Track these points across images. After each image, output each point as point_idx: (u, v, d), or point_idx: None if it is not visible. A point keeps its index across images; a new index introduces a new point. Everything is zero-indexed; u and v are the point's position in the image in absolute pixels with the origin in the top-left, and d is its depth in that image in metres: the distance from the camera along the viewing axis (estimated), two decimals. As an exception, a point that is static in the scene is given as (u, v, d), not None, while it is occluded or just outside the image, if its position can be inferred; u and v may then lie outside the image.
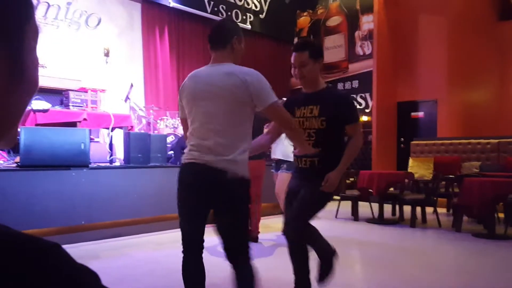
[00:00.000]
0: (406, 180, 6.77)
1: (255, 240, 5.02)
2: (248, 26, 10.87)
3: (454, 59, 9.26)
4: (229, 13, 10.48)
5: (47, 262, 0.44)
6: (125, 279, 3.47)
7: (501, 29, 9.58)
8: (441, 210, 6.96)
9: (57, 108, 5.98)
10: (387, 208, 6.74)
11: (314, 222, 2.94)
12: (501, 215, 6.01)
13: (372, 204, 6.71)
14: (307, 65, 2.72)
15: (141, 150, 5.54)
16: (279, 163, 5.24)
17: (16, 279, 0.40)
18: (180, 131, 7.66)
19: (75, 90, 6.26)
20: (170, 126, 7.49)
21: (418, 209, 6.36)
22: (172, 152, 6.56)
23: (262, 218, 5.35)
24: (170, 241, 5.04)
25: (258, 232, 5.14)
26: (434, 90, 9.13)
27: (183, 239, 2.51)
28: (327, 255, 2.96)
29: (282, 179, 5.03)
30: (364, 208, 6.88)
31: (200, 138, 2.31)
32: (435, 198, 6.36)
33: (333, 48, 11.36)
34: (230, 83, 2.27)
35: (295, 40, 12.39)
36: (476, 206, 5.30)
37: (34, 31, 0.50)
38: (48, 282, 0.42)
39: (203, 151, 2.29)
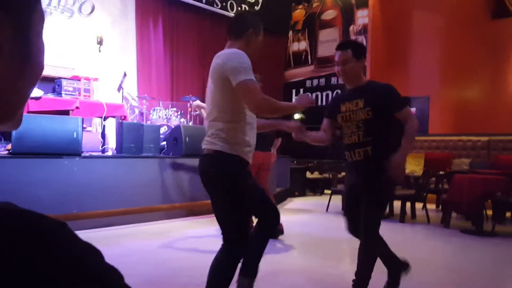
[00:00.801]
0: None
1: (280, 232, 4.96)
2: (243, 18, 10.83)
3: (447, 56, 9.33)
4: (224, 4, 10.42)
5: (54, 242, 0.45)
6: (118, 267, 3.48)
7: (494, 27, 9.64)
8: (431, 206, 7.05)
9: (50, 95, 5.92)
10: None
11: (309, 216, 2.97)
12: (490, 212, 6.10)
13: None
14: (349, 63, 2.82)
15: (134, 140, 5.53)
16: None
17: (24, 258, 0.41)
18: (173, 122, 7.64)
19: (68, 78, 6.20)
20: (163, 117, 7.46)
21: (408, 204, 6.43)
22: (165, 142, 6.55)
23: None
24: (163, 231, 5.06)
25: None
26: (427, 86, 9.20)
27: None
28: (395, 269, 2.99)
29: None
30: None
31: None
32: (425, 194, 6.44)
33: (328, 42, 11.37)
34: (215, 66, 2.38)
35: (290, 33, 12.38)
36: (465, 202, 5.37)
37: (40, 17, 0.51)
38: (56, 262, 0.43)
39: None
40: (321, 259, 3.28)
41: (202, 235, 4.91)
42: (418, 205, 6.81)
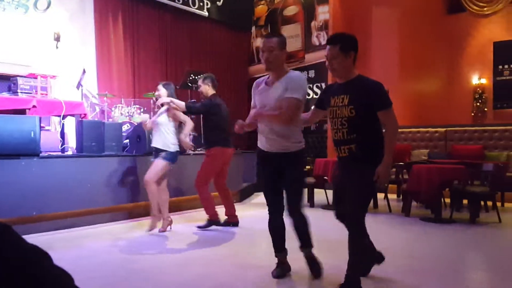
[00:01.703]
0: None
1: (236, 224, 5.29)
2: (205, 13, 10.75)
3: (405, 50, 9.60)
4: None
5: None
6: (79, 270, 3.41)
7: (449, 22, 10.00)
8: (392, 196, 7.26)
9: (5, 94, 5.70)
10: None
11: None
12: (447, 200, 6.34)
13: (327, 191, 6.90)
14: (337, 58, 2.87)
15: (95, 139, 5.41)
16: (158, 151, 4.84)
17: None
18: (135, 119, 7.51)
19: (24, 76, 5.98)
20: (125, 114, 7.33)
21: (371, 195, 6.59)
22: (127, 140, 6.44)
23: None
24: (126, 231, 4.99)
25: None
26: (387, 80, 9.37)
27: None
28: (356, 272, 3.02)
29: (157, 167, 4.75)
30: (319, 195, 7.06)
31: None
32: (386, 185, 6.61)
33: (290, 38, 11.45)
34: None
35: (253, 28, 12.39)
36: (424, 192, 5.57)
37: None
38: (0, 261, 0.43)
39: None
40: (289, 252, 3.33)
41: (167, 235, 4.88)
42: (380, 196, 7.00)
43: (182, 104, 4.85)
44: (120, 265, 3.61)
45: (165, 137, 4.78)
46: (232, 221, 5.28)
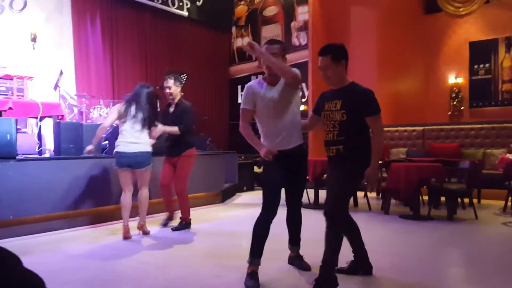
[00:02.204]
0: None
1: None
2: (185, 13, 10.71)
3: (383, 50, 9.73)
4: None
5: None
6: (57, 274, 3.36)
7: (426, 22, 10.17)
8: (371, 194, 7.35)
9: (-21, 96, 5.57)
10: (322, 193, 6.99)
11: (258, 210, 3.00)
12: (426, 197, 6.46)
13: (308, 190, 6.94)
14: (330, 67, 3.05)
15: (73, 141, 5.33)
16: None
17: None
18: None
19: (0, 77, 5.86)
20: (104, 115, 7.24)
21: (351, 194, 6.67)
22: (107, 142, 6.36)
23: (202, 207, 5.36)
24: (105, 234, 4.93)
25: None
26: (365, 80, 9.42)
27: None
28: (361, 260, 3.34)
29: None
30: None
31: None
32: (365, 183, 6.67)
33: (270, 38, 11.48)
34: None
35: (233, 29, 12.39)
36: (402, 189, 5.66)
37: None
38: None
39: None
40: (270, 252, 3.34)
41: (146, 236, 4.84)
42: (360, 194, 7.08)
43: (175, 129, 4.87)
44: (99, 269, 3.56)
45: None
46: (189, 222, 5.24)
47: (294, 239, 3.55)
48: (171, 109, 5.10)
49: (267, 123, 3.22)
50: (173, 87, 5.01)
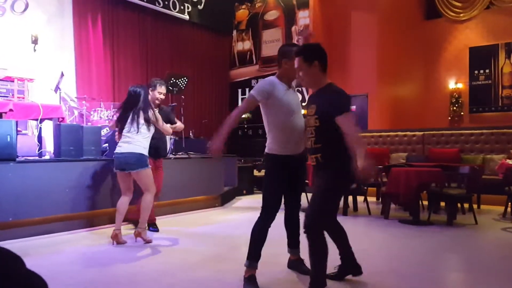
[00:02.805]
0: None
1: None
2: (186, 17, 10.73)
3: (383, 55, 9.76)
4: (166, 2, 10.27)
5: None
6: (56, 276, 3.35)
7: (426, 27, 10.22)
8: (371, 199, 7.35)
9: (-20, 98, 5.57)
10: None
11: (257, 214, 2.99)
12: (425, 202, 6.45)
13: (308, 194, 6.93)
14: (301, 68, 2.92)
15: (73, 143, 5.31)
16: None
17: None
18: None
19: (0, 79, 5.86)
20: (104, 118, 7.24)
21: (350, 198, 6.67)
22: (107, 144, 6.36)
23: (193, 212, 5.34)
24: (105, 237, 4.92)
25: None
26: (365, 84, 9.56)
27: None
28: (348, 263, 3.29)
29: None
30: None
31: None
32: (365, 188, 6.69)
33: (271, 42, 11.53)
34: None
35: (234, 32, 12.42)
36: (402, 194, 5.65)
37: None
38: None
39: None
40: (270, 256, 3.34)
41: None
42: (360, 199, 7.08)
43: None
44: (98, 272, 3.56)
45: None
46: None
47: (294, 242, 3.54)
48: None
49: (292, 127, 3.16)
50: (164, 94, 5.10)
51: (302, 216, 3.24)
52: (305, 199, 7.02)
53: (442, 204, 6.55)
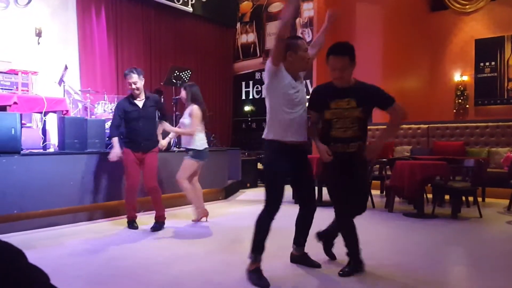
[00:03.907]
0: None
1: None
2: (190, 9, 10.68)
3: (389, 47, 9.68)
4: (169, -5, 10.21)
5: None
6: (61, 268, 3.37)
7: (432, 19, 10.12)
8: (375, 192, 7.33)
9: (-16, 91, 5.58)
10: (326, 191, 6.97)
11: (261, 207, 2.99)
12: (430, 195, 6.43)
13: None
14: (348, 68, 3.14)
15: (77, 136, 5.33)
16: (187, 150, 5.18)
17: None
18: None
19: (4, 72, 5.86)
20: (108, 111, 7.24)
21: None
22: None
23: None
24: (110, 229, 4.94)
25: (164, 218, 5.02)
26: (370, 77, 9.41)
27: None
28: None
29: (185, 166, 5.12)
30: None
31: None
32: (369, 181, 6.67)
33: (275, 35, 11.45)
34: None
35: (238, 25, 12.36)
36: (406, 187, 5.63)
37: None
38: None
39: None
40: (274, 248, 3.34)
41: (150, 232, 4.85)
42: (364, 192, 7.05)
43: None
44: (104, 264, 3.58)
45: (191, 136, 5.10)
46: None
47: (302, 241, 3.50)
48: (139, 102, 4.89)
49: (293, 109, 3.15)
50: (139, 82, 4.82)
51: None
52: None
53: (447, 197, 6.53)
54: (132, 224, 4.96)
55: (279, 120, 3.14)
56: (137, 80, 4.76)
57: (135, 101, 4.84)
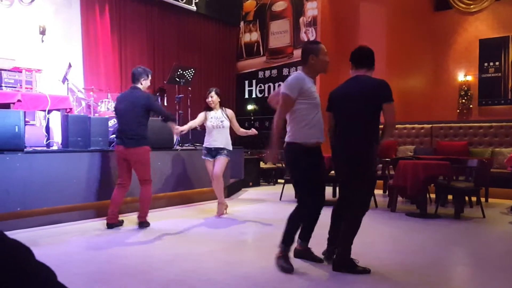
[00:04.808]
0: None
1: (144, 225, 4.89)
2: (193, 8, 10.68)
3: (392, 47, 9.66)
4: (173, -6, 10.22)
5: None
6: (65, 266, 3.38)
7: (436, 19, 10.07)
8: (378, 192, 7.31)
9: (-12, 88, 5.60)
10: (329, 190, 6.97)
11: (263, 206, 2.98)
12: (433, 195, 6.41)
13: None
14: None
15: (81, 134, 5.34)
16: (218, 149, 5.45)
17: None
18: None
19: (8, 70, 5.88)
20: (112, 109, 7.25)
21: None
22: (114, 136, 6.38)
23: (202, 203, 5.30)
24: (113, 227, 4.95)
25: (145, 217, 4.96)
26: (374, 76, 9.46)
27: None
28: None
29: (223, 163, 5.48)
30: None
31: None
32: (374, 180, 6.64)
33: (279, 34, 11.46)
34: None
35: (242, 24, 12.35)
36: (409, 187, 5.62)
37: None
38: None
39: None
40: (276, 246, 3.35)
41: (154, 230, 4.86)
42: (367, 191, 7.04)
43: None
44: (106, 261, 3.58)
45: (227, 138, 5.49)
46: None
47: (307, 236, 3.62)
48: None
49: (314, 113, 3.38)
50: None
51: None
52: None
53: (450, 197, 6.51)
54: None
55: (310, 120, 3.35)
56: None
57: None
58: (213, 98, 5.49)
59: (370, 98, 3.30)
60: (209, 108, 5.53)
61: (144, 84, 4.87)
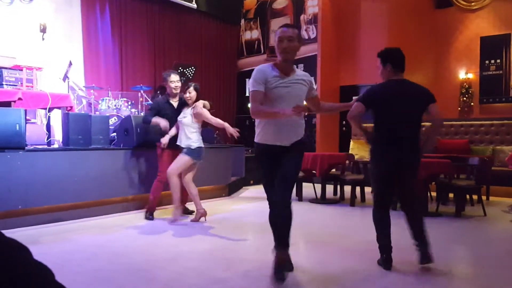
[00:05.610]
0: (347, 162, 7.04)
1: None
2: (194, 6, 10.66)
3: (393, 44, 9.58)
4: (174, -9, 10.20)
5: None
6: (66, 264, 3.39)
7: (437, 16, 10.05)
8: (379, 190, 7.30)
9: (-11, 86, 5.60)
10: (330, 188, 6.98)
11: (264, 204, 2.98)
12: (434, 193, 6.41)
13: (315, 184, 6.93)
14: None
15: (81, 132, 5.34)
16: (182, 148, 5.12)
17: None
18: (123, 112, 7.46)
19: (9, 68, 5.88)
20: (112, 107, 7.25)
21: (358, 189, 6.65)
22: (115, 134, 6.39)
23: (202, 201, 5.31)
24: (114, 225, 4.96)
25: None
26: (374, 74, 9.41)
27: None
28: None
29: (179, 161, 4.95)
30: (307, 188, 7.09)
31: None
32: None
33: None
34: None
35: (242, 21, 12.33)
36: (410, 185, 5.60)
37: None
38: None
39: None
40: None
41: (156, 228, 4.86)
42: (368, 189, 7.03)
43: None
44: (108, 260, 3.59)
45: (187, 136, 4.94)
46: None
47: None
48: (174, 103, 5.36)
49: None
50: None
51: (315, 207, 3.26)
52: (313, 190, 7.02)
53: (451, 195, 6.50)
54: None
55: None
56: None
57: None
58: (191, 94, 5.03)
59: (421, 99, 3.72)
60: (186, 104, 5.14)
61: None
